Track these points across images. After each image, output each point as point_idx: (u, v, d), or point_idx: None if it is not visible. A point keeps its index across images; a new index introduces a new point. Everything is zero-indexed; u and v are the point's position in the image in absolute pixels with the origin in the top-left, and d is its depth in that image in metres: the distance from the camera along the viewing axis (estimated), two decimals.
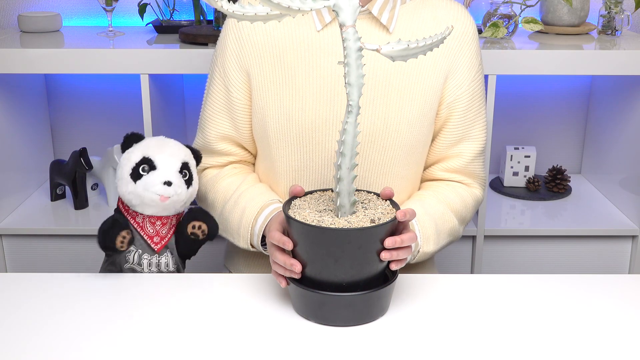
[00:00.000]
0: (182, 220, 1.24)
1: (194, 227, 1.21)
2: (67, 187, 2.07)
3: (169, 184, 1.17)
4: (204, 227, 1.22)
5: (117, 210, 1.24)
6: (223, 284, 1.20)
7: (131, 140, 1.23)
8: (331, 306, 1.06)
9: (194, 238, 1.22)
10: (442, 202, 1.31)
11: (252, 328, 1.06)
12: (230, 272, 1.47)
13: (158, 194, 1.17)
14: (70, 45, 1.89)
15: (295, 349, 1.02)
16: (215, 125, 1.36)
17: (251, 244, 1.28)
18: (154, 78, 1.83)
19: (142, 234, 1.21)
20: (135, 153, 1.20)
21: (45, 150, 2.19)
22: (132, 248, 1.21)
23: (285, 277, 1.09)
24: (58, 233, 1.92)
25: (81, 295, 1.16)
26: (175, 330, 1.06)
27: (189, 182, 1.21)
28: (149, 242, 1.21)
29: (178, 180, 1.19)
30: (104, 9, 1.92)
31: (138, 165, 1.18)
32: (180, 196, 1.19)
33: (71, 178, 1.97)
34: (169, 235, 1.22)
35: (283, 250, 1.10)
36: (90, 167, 1.95)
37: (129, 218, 1.22)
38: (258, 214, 1.26)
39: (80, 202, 2.00)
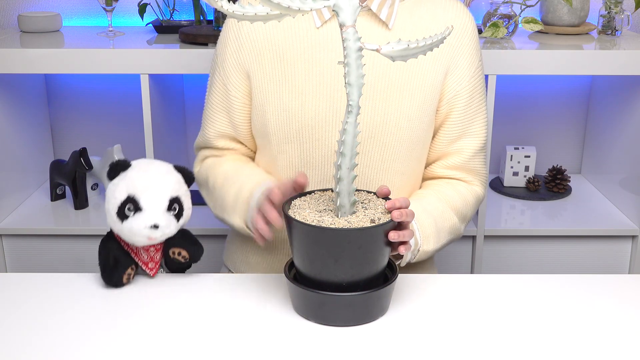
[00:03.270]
0: (165, 245, 1.20)
1: (173, 253, 1.19)
2: (67, 187, 2.07)
3: (155, 227, 1.11)
4: (184, 253, 1.18)
5: (110, 234, 1.19)
6: (223, 284, 1.20)
7: (117, 169, 1.15)
8: (331, 306, 1.06)
9: (178, 262, 1.20)
10: (441, 200, 1.31)
11: (252, 328, 1.06)
12: (229, 269, 1.47)
13: (145, 237, 1.12)
14: (70, 45, 1.89)
15: (295, 349, 1.02)
16: (214, 124, 1.37)
17: (246, 225, 1.27)
18: (154, 78, 1.83)
19: (136, 260, 1.18)
20: (119, 190, 1.12)
21: (45, 150, 2.19)
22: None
23: (263, 238, 1.14)
24: (58, 233, 1.92)
25: (81, 295, 1.16)
26: (175, 330, 1.06)
27: (179, 215, 1.16)
28: (143, 268, 1.19)
29: (166, 220, 1.12)
30: (104, 9, 1.92)
31: (123, 204, 1.12)
32: (170, 233, 1.15)
33: (71, 178, 1.97)
34: (161, 256, 1.20)
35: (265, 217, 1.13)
36: (90, 167, 1.96)
37: (122, 243, 1.18)
38: (254, 187, 1.25)
39: (80, 202, 2.00)
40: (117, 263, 1.15)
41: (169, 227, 1.13)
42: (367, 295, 1.06)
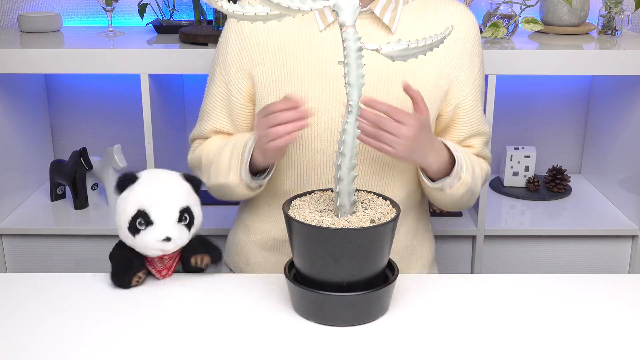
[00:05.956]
0: (183, 252, 1.20)
1: (195, 261, 1.19)
2: (67, 187, 2.07)
3: (168, 239, 1.12)
4: (206, 259, 1.20)
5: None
6: (223, 284, 1.20)
7: (125, 183, 1.15)
8: (331, 306, 1.06)
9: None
10: (469, 153, 1.35)
11: (252, 328, 1.06)
12: (230, 269, 1.48)
13: (158, 249, 1.14)
14: (70, 45, 1.89)
15: (295, 349, 1.02)
16: (212, 120, 1.38)
17: (241, 179, 1.27)
18: (154, 78, 1.83)
19: (150, 268, 1.19)
20: (130, 205, 1.13)
21: (45, 150, 2.19)
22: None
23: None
24: (58, 233, 1.92)
25: (81, 295, 1.16)
26: (175, 330, 1.06)
27: (190, 224, 1.16)
28: (157, 276, 1.19)
29: (178, 232, 1.13)
30: (104, 9, 1.92)
31: (134, 219, 1.12)
32: (182, 244, 1.15)
33: (71, 178, 1.97)
34: (175, 264, 1.20)
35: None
36: (90, 167, 1.95)
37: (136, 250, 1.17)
38: (248, 138, 1.26)
39: (80, 202, 2.00)
40: (129, 266, 1.16)
41: (181, 238, 1.14)
42: (367, 295, 1.06)
